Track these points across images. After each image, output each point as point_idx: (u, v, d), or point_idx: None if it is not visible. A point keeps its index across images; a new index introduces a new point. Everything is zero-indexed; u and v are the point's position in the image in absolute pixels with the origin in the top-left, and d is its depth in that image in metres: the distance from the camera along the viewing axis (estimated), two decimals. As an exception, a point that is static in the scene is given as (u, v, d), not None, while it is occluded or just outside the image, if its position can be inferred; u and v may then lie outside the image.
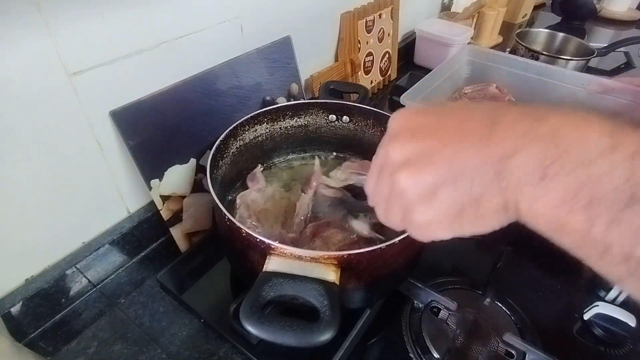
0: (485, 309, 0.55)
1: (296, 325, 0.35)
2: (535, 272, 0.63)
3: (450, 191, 0.25)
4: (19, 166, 0.45)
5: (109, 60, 0.49)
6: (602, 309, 0.54)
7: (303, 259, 0.39)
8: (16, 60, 0.41)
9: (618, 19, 1.60)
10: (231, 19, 0.63)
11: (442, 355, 0.49)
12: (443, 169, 0.25)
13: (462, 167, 0.24)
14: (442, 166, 0.25)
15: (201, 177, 0.61)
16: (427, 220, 0.27)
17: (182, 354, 0.50)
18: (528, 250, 0.65)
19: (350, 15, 0.86)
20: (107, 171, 0.55)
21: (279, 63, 0.72)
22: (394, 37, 1.05)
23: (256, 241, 0.41)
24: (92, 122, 0.50)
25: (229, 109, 0.64)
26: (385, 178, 0.28)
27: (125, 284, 0.58)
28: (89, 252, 0.55)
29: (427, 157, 0.26)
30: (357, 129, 0.67)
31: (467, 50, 0.90)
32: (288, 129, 0.66)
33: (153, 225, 0.61)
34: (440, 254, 0.64)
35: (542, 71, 0.83)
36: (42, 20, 0.41)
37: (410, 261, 0.52)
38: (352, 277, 0.42)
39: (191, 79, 0.58)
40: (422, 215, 0.27)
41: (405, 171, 0.26)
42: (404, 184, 0.26)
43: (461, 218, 0.26)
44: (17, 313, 0.49)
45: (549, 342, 0.51)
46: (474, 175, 0.24)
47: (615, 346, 0.52)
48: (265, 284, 0.37)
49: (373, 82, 1.03)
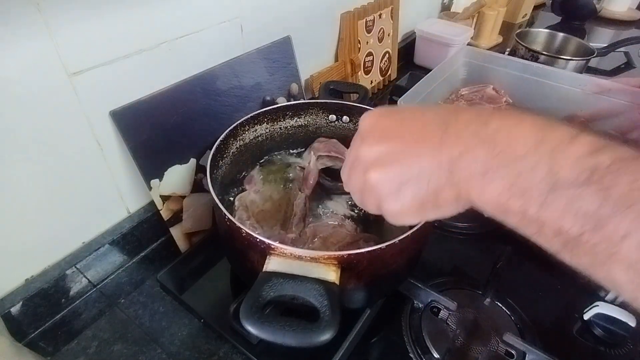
0: (485, 309, 0.55)
1: (296, 325, 0.35)
2: (535, 272, 0.63)
3: (413, 187, 0.30)
4: (19, 166, 0.45)
5: (109, 60, 0.49)
6: (602, 309, 0.54)
7: (303, 259, 0.39)
8: (16, 60, 0.41)
9: (618, 19, 1.60)
10: (231, 19, 0.63)
11: (442, 355, 0.49)
12: (406, 168, 0.30)
13: (420, 167, 0.29)
14: (405, 165, 0.30)
15: (201, 177, 0.61)
16: (396, 210, 0.32)
17: (182, 354, 0.50)
18: (528, 250, 0.65)
19: (350, 15, 0.86)
20: (107, 171, 0.55)
21: (279, 63, 0.72)
22: (394, 37, 1.05)
23: (256, 241, 0.41)
24: (92, 122, 0.50)
25: (229, 109, 0.64)
26: (358, 173, 0.33)
27: (125, 284, 0.58)
28: (89, 252, 0.55)
29: (392, 158, 0.31)
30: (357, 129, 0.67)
31: (465, 52, 0.90)
32: (288, 129, 0.66)
33: (153, 225, 0.61)
34: (440, 254, 0.64)
35: (539, 72, 0.82)
36: (42, 20, 0.41)
37: (410, 261, 0.52)
38: (352, 277, 0.42)
39: (191, 79, 0.58)
40: (392, 206, 0.32)
41: (375, 169, 0.31)
42: (374, 180, 0.32)
43: (424, 207, 0.31)
44: (17, 313, 0.49)
45: (549, 342, 0.51)
46: (431, 173, 0.29)
47: (615, 346, 0.52)
48: (265, 284, 0.37)
49: (373, 82, 1.03)
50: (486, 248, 0.65)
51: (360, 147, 0.33)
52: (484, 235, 0.67)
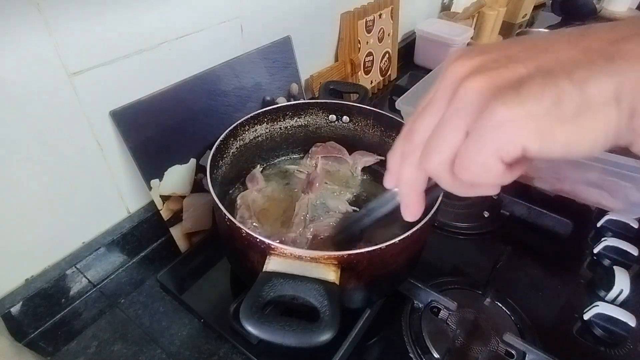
0: (485, 309, 0.55)
1: (296, 325, 0.35)
2: (535, 272, 0.63)
3: (541, 81, 0.19)
4: (19, 166, 0.45)
5: (109, 60, 0.49)
6: (602, 309, 0.54)
7: (303, 259, 0.39)
8: (16, 60, 0.41)
9: (618, 19, 1.59)
10: (231, 19, 0.63)
11: (442, 355, 0.49)
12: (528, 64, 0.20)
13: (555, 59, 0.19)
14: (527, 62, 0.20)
15: (201, 177, 0.61)
16: (508, 115, 0.19)
17: (182, 354, 0.50)
18: (528, 250, 0.65)
19: (350, 15, 0.86)
20: (107, 171, 0.55)
21: (279, 63, 0.72)
22: (394, 37, 1.05)
23: (256, 241, 0.41)
24: (92, 122, 0.50)
25: (229, 109, 0.64)
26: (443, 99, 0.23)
27: (125, 284, 0.58)
28: (89, 252, 0.55)
29: (504, 60, 0.21)
30: (357, 129, 0.67)
31: None
32: (288, 129, 0.66)
33: (153, 225, 0.61)
34: (440, 254, 0.64)
35: None
36: (42, 20, 0.41)
37: (410, 261, 0.52)
38: (352, 277, 0.42)
39: (191, 79, 0.58)
40: (503, 110, 0.19)
41: (476, 76, 0.21)
42: (475, 86, 0.21)
43: (555, 115, 0.19)
44: (17, 313, 0.49)
45: (549, 342, 0.51)
46: (575, 62, 0.19)
47: (615, 346, 0.52)
48: (265, 284, 0.37)
49: (373, 82, 1.03)
50: (486, 248, 0.65)
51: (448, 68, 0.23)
52: (484, 235, 0.67)
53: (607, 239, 0.64)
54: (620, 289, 0.56)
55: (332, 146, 0.67)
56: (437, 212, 0.46)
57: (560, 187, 0.64)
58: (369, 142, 0.67)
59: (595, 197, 0.61)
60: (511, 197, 0.69)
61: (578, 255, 0.65)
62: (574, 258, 0.65)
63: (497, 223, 0.68)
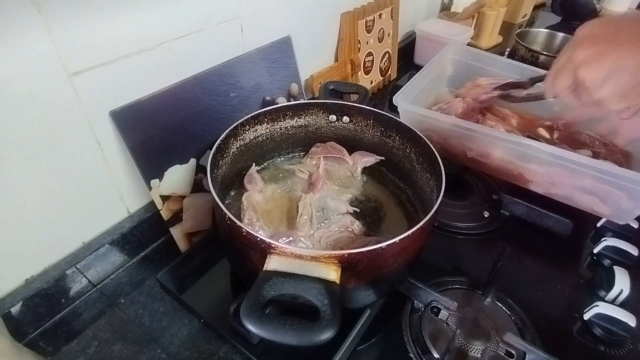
0: (485, 309, 0.55)
1: (297, 324, 0.35)
2: (535, 272, 0.63)
3: (617, 79, 0.39)
4: (19, 166, 0.45)
5: (109, 60, 0.49)
6: (602, 309, 0.54)
7: (304, 258, 0.39)
8: (16, 60, 0.41)
9: (618, 19, 1.60)
10: (231, 19, 0.63)
11: (442, 355, 0.49)
12: (612, 64, 0.39)
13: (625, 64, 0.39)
14: (611, 62, 0.39)
15: (201, 177, 0.61)
16: (602, 95, 0.41)
17: (182, 354, 0.50)
18: (528, 250, 0.65)
19: (350, 15, 0.86)
20: (107, 171, 0.55)
21: (279, 63, 0.72)
22: (394, 37, 1.05)
23: (256, 240, 0.41)
24: (92, 122, 0.50)
25: (229, 109, 0.64)
26: (568, 73, 0.43)
27: (125, 284, 0.58)
28: (89, 252, 0.55)
29: (602, 56, 0.40)
30: (357, 129, 0.67)
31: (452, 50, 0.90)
32: (288, 129, 0.66)
33: (153, 225, 0.61)
34: (440, 254, 0.64)
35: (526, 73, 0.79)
36: (42, 20, 0.41)
37: (411, 261, 0.52)
38: (352, 276, 0.42)
39: (191, 79, 0.58)
40: (598, 94, 0.41)
41: (585, 66, 0.41)
42: (583, 75, 0.41)
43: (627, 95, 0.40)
44: (17, 313, 0.49)
45: (549, 342, 0.51)
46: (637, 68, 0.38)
47: (615, 346, 0.52)
48: (265, 283, 0.37)
49: (373, 82, 1.03)
50: (486, 248, 0.65)
51: (575, 50, 0.42)
52: (484, 235, 0.67)
53: (607, 239, 0.64)
54: (620, 289, 0.56)
55: (332, 146, 0.67)
56: (437, 212, 0.46)
57: (555, 192, 0.65)
58: (369, 142, 0.67)
59: (588, 203, 0.63)
60: (511, 197, 0.69)
61: (578, 255, 0.65)
62: (574, 258, 0.65)
63: (497, 223, 0.68)
